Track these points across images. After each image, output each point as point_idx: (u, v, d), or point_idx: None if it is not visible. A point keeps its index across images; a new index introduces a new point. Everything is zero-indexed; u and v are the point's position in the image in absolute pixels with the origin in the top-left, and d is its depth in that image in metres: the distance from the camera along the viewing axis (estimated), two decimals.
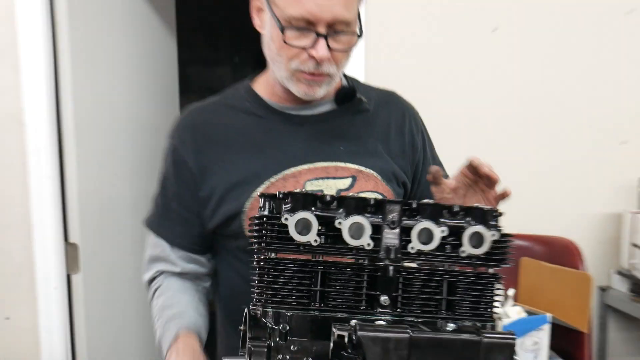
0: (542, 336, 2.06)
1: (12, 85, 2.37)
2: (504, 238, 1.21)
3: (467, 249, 1.18)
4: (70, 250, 2.48)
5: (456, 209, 1.19)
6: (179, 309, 1.52)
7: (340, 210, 1.18)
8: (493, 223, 1.20)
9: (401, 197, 1.52)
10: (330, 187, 1.46)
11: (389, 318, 1.16)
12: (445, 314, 1.19)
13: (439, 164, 1.63)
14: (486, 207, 1.21)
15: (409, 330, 1.04)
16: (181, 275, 1.58)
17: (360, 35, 1.41)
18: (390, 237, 1.17)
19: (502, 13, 2.51)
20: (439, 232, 1.17)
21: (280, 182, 1.46)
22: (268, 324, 1.16)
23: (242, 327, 1.24)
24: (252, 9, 1.47)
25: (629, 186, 2.59)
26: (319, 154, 1.48)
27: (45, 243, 2.42)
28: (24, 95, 2.37)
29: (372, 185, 1.48)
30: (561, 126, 2.58)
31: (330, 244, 1.17)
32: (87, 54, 2.55)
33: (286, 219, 1.16)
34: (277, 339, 1.14)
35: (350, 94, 1.53)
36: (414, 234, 1.17)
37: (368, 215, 1.18)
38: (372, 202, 1.19)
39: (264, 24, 1.44)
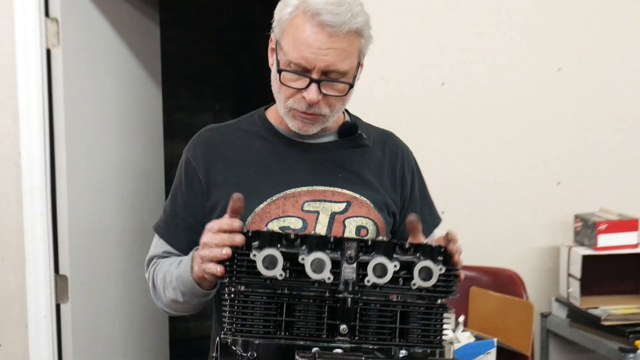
0: (490, 359, 2.05)
1: (11, 132, 2.36)
2: (451, 272, 1.22)
3: (417, 282, 1.18)
4: (60, 282, 2.45)
5: (407, 246, 1.19)
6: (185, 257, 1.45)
7: (304, 247, 1.18)
8: (440, 258, 1.20)
9: (391, 225, 1.51)
10: (326, 209, 1.45)
11: (347, 345, 1.16)
12: (398, 342, 1.19)
13: (430, 203, 1.62)
14: (434, 244, 1.21)
15: (362, 358, 1.04)
16: None
17: (352, 86, 1.40)
18: (349, 271, 1.17)
19: (449, 69, 2.55)
20: (392, 266, 1.17)
21: (281, 200, 1.44)
22: (237, 351, 1.15)
23: (214, 354, 1.22)
24: (269, 49, 1.46)
25: (565, 222, 2.61)
26: (319, 178, 1.46)
27: (37, 275, 2.38)
28: (21, 140, 2.36)
29: (364, 212, 1.47)
30: (505, 169, 2.60)
31: (294, 278, 1.17)
32: (79, 102, 2.54)
33: (254, 255, 1.16)
34: None
35: (352, 129, 1.52)
36: (370, 268, 1.17)
37: (328, 251, 1.18)
38: (332, 239, 1.19)
39: (274, 63, 1.44)
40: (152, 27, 3.10)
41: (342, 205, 1.46)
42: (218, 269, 1.20)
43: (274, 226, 1.42)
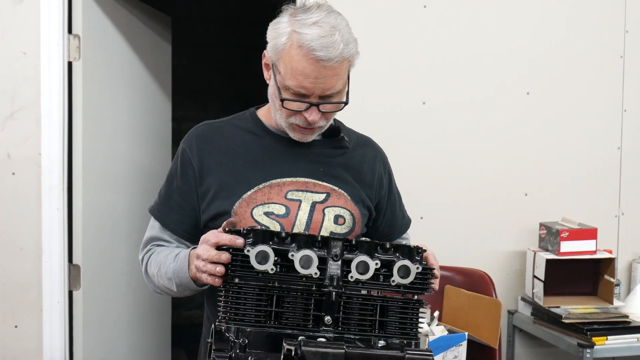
0: (461, 351, 2.04)
1: (33, 135, 2.35)
2: (426, 271, 1.20)
3: (396, 279, 1.17)
4: (73, 270, 2.42)
5: (387, 246, 1.18)
6: (181, 250, 1.42)
7: (293, 244, 1.16)
8: (418, 258, 1.19)
9: (366, 218, 1.50)
10: (308, 198, 1.43)
11: (331, 335, 1.15)
12: (377, 333, 1.17)
13: (402, 204, 1.63)
14: (412, 245, 1.19)
15: (344, 347, 1.02)
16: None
17: (346, 103, 1.40)
18: (334, 268, 1.16)
19: (429, 90, 2.53)
20: (373, 264, 1.16)
21: (267, 188, 1.42)
22: (230, 337, 1.13)
23: (209, 340, 1.20)
24: (263, 64, 1.45)
25: (531, 229, 2.61)
26: (302, 171, 1.45)
27: (52, 264, 2.35)
28: (42, 143, 2.34)
29: (342, 203, 1.46)
30: (479, 182, 2.59)
31: (284, 272, 1.15)
32: (96, 109, 2.53)
33: (248, 250, 1.14)
34: (238, 351, 1.12)
35: (335, 131, 1.52)
36: (353, 265, 1.16)
37: (315, 249, 1.16)
38: (319, 238, 1.17)
39: (270, 78, 1.42)
40: (164, 45, 3.08)
41: (322, 196, 1.45)
42: (216, 281, 1.18)
43: (259, 211, 1.40)
